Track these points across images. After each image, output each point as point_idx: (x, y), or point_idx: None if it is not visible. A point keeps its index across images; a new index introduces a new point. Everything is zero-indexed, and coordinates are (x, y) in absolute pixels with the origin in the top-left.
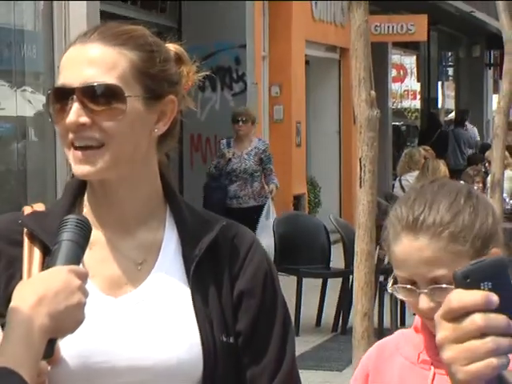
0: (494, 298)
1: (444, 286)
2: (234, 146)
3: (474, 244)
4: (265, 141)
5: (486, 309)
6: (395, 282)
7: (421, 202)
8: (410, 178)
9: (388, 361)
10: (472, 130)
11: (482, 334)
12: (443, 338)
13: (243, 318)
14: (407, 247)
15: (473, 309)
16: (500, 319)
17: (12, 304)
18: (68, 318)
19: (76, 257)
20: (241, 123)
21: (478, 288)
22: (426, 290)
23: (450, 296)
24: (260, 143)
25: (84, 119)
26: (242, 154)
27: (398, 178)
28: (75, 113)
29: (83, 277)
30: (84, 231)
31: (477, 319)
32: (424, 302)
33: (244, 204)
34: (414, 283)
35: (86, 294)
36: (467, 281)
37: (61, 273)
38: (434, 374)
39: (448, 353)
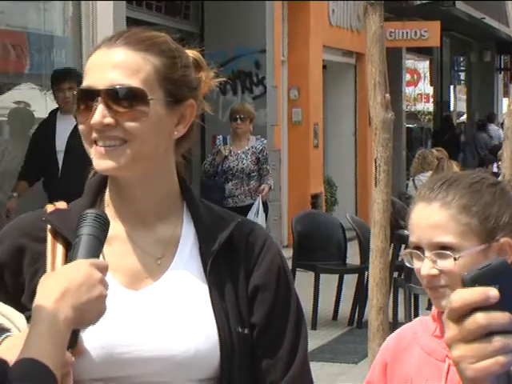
0: (493, 292)
1: (448, 252)
2: (231, 144)
3: (485, 223)
4: (263, 140)
5: (486, 304)
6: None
7: (443, 181)
8: (424, 177)
9: (406, 351)
10: (497, 132)
11: (487, 331)
12: (450, 338)
13: (258, 310)
14: (420, 211)
15: (473, 306)
16: (503, 316)
17: (37, 298)
18: (90, 310)
19: (96, 250)
20: (239, 121)
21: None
22: (429, 255)
23: (452, 296)
24: (258, 143)
25: (108, 120)
26: (239, 152)
27: (411, 178)
28: (100, 113)
29: (104, 269)
30: (102, 225)
31: (478, 318)
32: (426, 267)
33: (240, 203)
34: (421, 250)
35: (106, 286)
36: (476, 285)
37: (82, 266)
38: (449, 366)
39: (456, 352)
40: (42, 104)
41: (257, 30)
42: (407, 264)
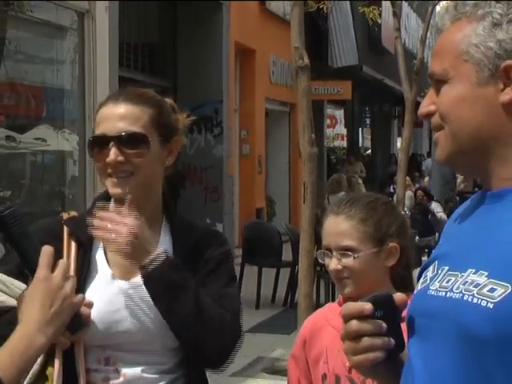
0: (367, 307)
1: (349, 253)
2: None
3: (377, 231)
4: None
5: (362, 315)
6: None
7: (347, 200)
8: (335, 198)
9: (321, 330)
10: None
11: (360, 334)
12: (341, 335)
13: (210, 282)
14: (330, 221)
15: (353, 315)
16: (372, 324)
17: (23, 310)
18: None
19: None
20: None
21: (373, 314)
22: (335, 254)
23: (342, 306)
24: None
25: (120, 158)
26: None
27: (326, 197)
28: (114, 154)
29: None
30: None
31: (352, 324)
32: (333, 263)
33: None
34: (331, 251)
35: (72, 294)
36: None
37: (53, 283)
38: None
39: (344, 346)
40: (55, 140)
41: (216, 85)
42: (320, 261)
